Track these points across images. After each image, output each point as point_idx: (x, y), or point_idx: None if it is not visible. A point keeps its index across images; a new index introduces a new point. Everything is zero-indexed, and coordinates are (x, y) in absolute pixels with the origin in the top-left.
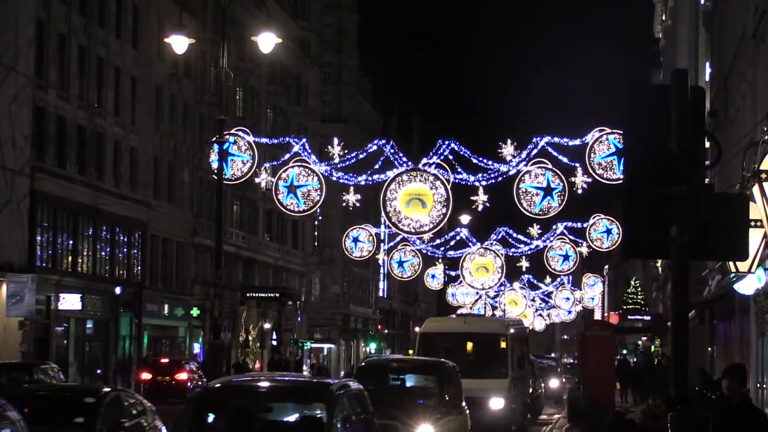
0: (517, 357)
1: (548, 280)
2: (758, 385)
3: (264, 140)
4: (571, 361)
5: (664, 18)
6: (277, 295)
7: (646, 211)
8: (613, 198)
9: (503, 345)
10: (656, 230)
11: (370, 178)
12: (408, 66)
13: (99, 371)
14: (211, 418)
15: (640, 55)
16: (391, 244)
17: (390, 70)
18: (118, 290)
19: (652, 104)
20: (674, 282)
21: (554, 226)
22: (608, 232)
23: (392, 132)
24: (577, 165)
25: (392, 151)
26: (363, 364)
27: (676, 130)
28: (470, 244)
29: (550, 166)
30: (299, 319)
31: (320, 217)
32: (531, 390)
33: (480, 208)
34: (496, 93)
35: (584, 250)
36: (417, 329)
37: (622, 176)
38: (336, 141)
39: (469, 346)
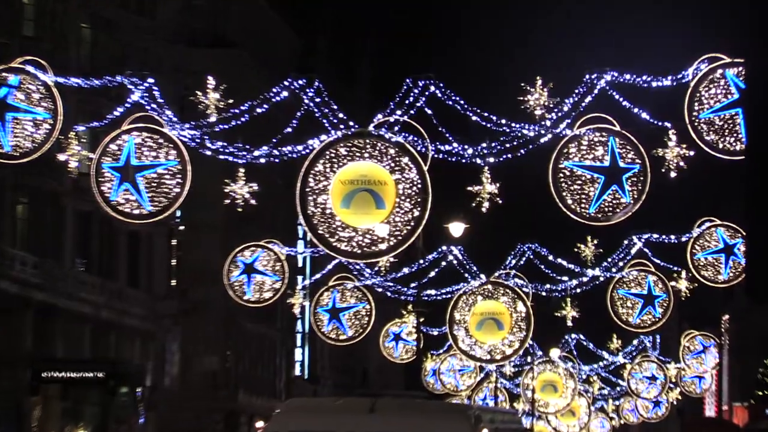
0: None
1: (615, 343)
2: None
3: (75, 82)
4: None
5: None
6: (101, 375)
7: None
8: (736, 188)
9: None
10: None
11: (276, 152)
12: None
13: None
14: None
15: None
16: (317, 276)
17: None
18: None
19: None
20: None
21: (626, 242)
22: (727, 251)
23: (320, 66)
24: (668, 126)
25: (319, 100)
26: None
27: None
28: (468, 276)
29: (616, 128)
30: (142, 420)
31: (181, 228)
32: None
33: (485, 206)
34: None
35: (683, 285)
36: (259, 425)
37: (746, 147)
38: (212, 81)
39: None
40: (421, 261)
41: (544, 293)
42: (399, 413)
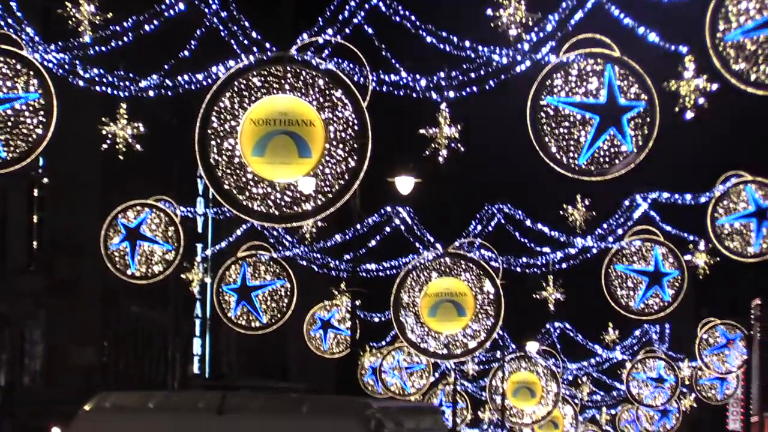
0: None
1: (612, 334)
2: None
3: None
4: None
5: None
6: None
7: None
8: None
9: None
10: None
11: (168, 83)
12: None
13: None
14: None
15: None
16: (222, 245)
17: None
18: None
19: None
20: None
21: (627, 202)
22: (759, 215)
23: None
24: (684, 51)
25: (226, 15)
26: None
27: None
28: (419, 246)
29: (616, 53)
30: None
31: (45, 181)
32: None
33: (442, 155)
34: None
35: (701, 260)
36: None
37: None
38: None
39: None
40: (359, 226)
41: (518, 269)
42: (260, 415)
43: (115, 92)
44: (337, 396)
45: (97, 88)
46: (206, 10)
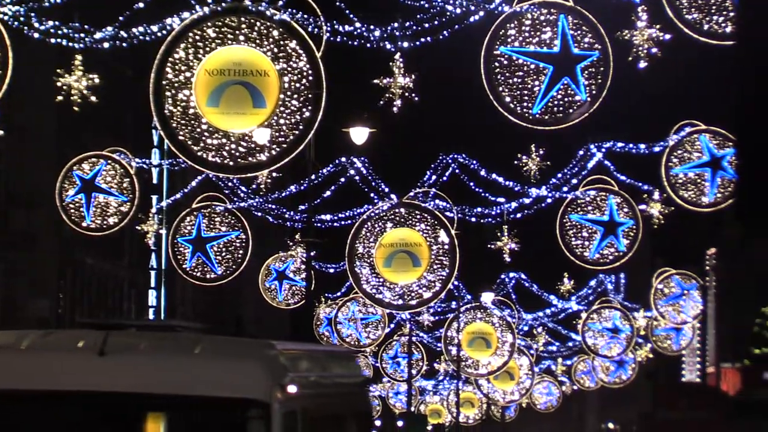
0: None
1: (567, 284)
2: None
3: None
4: None
5: None
6: None
7: None
8: (725, 82)
9: None
10: None
11: (123, 34)
12: None
13: None
14: None
15: None
16: (177, 196)
17: None
18: None
19: None
20: None
21: (581, 152)
22: (714, 165)
23: None
24: (636, 2)
25: None
26: None
27: None
28: (374, 196)
29: (569, 3)
30: None
31: (1, 132)
32: None
33: (397, 105)
34: None
35: (655, 209)
36: None
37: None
38: None
39: None
40: (313, 176)
41: (473, 219)
42: (146, 356)
43: (70, 44)
44: (235, 337)
45: (52, 39)
46: None
